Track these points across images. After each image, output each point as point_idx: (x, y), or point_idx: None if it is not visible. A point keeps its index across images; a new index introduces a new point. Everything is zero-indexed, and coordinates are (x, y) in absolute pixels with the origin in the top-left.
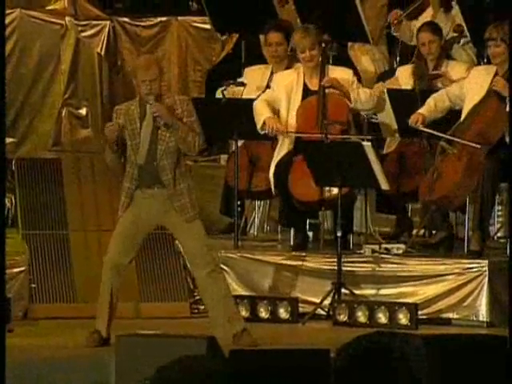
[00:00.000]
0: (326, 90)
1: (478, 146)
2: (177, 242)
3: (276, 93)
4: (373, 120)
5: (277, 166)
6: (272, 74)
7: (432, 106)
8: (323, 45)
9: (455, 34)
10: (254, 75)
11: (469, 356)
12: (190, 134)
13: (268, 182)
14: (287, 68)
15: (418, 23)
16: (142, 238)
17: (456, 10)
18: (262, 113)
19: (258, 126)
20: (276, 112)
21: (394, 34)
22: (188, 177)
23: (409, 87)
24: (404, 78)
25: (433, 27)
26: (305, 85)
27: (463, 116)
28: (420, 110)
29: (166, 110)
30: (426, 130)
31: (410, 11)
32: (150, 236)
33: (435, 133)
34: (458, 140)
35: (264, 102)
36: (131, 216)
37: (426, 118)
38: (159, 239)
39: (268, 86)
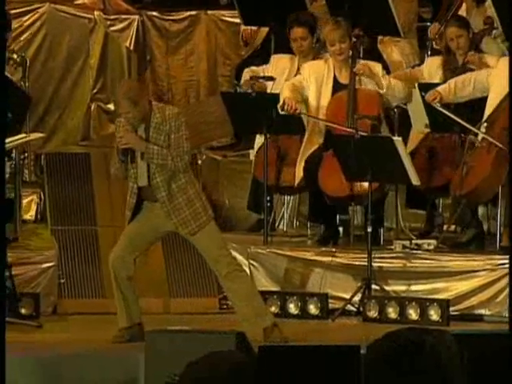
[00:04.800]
0: (357, 86)
1: (501, 146)
2: None
3: (306, 82)
4: (403, 106)
5: (307, 161)
6: (299, 67)
7: (451, 87)
8: (353, 39)
9: (485, 27)
10: (279, 64)
11: (500, 354)
12: (169, 157)
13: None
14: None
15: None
16: (148, 243)
17: (488, 2)
18: (283, 93)
19: (278, 106)
20: (305, 99)
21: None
22: (192, 186)
23: (436, 79)
24: (432, 68)
25: (459, 21)
26: (335, 78)
27: (488, 108)
28: (437, 88)
29: (136, 139)
30: (444, 111)
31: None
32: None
33: (459, 120)
34: (482, 134)
35: (290, 86)
36: (137, 225)
37: (443, 96)
38: None
39: None
